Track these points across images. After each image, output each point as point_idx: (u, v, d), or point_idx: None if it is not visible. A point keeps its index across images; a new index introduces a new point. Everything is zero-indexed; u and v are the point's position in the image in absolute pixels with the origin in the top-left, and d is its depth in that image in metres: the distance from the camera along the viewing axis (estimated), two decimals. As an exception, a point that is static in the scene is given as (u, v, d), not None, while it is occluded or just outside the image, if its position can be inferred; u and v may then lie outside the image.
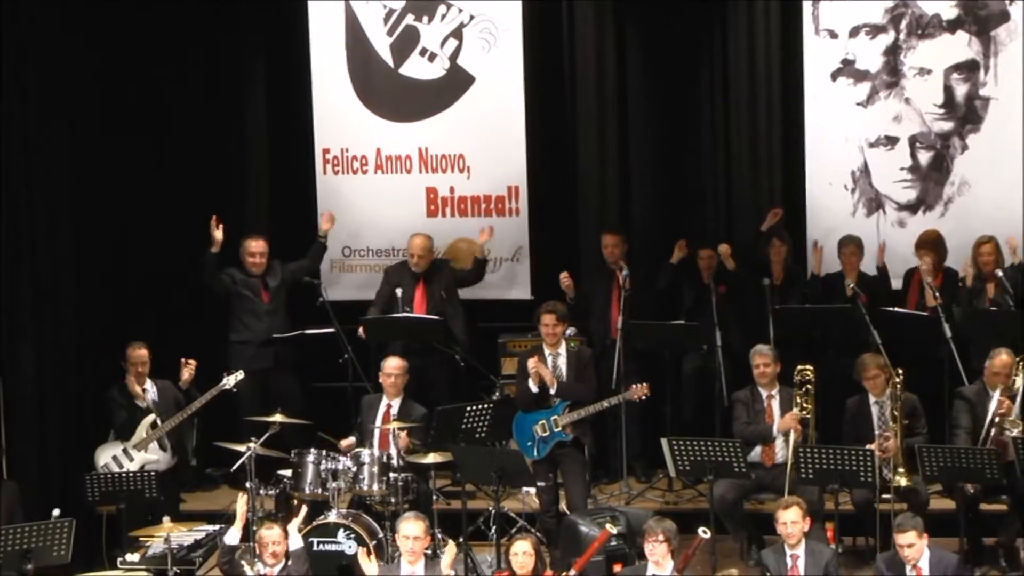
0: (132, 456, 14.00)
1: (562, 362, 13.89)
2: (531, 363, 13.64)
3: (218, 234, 14.81)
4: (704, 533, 12.35)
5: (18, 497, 13.10)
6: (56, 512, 12.47)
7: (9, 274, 13.74)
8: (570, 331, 14.12)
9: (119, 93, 15.25)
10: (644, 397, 13.78)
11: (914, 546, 11.77)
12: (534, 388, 13.71)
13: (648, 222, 15.80)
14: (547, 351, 13.87)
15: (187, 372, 14.11)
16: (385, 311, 14.72)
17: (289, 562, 12.13)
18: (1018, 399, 13.21)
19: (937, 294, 14.21)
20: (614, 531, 12.80)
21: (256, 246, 15.03)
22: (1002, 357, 13.31)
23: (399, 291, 14.95)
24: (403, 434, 13.65)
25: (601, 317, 14.93)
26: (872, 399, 13.50)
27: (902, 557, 11.81)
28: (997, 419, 13.11)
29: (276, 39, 16.01)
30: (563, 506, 13.82)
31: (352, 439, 13.80)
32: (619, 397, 13.83)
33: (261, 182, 16.08)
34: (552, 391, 13.66)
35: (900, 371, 13.36)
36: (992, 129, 15.35)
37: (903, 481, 13.00)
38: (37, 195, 14.04)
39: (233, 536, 12.34)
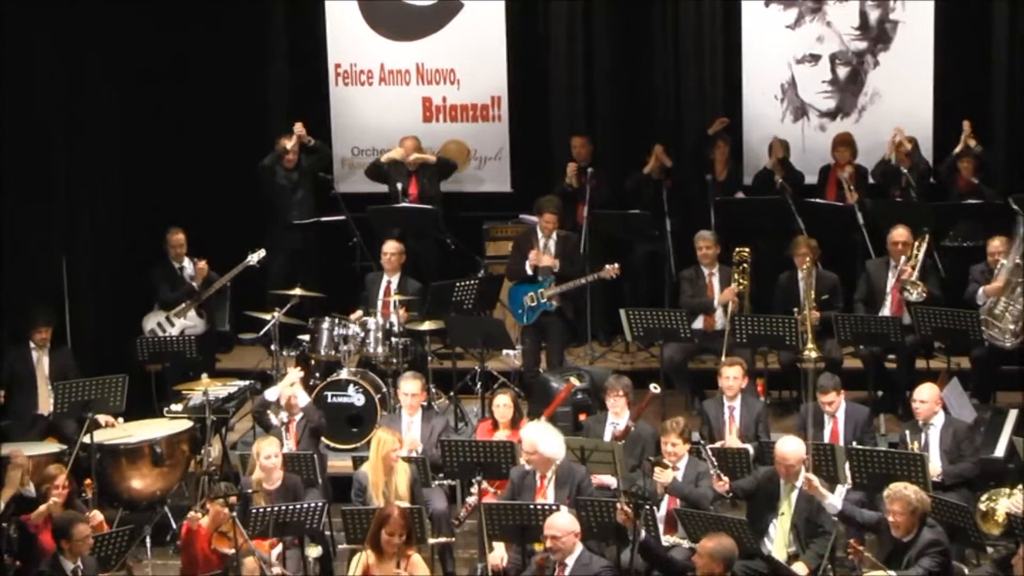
0: (173, 323, 14.02)
1: (552, 245, 13.92)
2: (532, 256, 13.77)
3: (290, 143, 14.81)
4: (655, 388, 12.41)
5: (71, 360, 13.10)
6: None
7: (69, 164, 13.63)
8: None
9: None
10: (615, 276, 13.80)
11: (833, 403, 11.84)
12: (530, 272, 13.81)
13: (610, 126, 15.74)
14: (541, 238, 13.90)
15: (200, 270, 14.12)
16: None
17: (300, 415, 12.16)
18: (918, 267, 13.22)
19: (852, 187, 14.22)
20: (578, 385, 12.85)
21: (291, 144, 14.95)
22: (899, 230, 13.35)
23: (399, 185, 14.91)
24: (401, 308, 13.67)
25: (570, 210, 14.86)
26: (800, 275, 13.50)
27: (823, 411, 11.86)
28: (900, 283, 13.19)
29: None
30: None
31: (360, 312, 13.79)
32: (596, 275, 13.82)
33: (283, 91, 15.95)
34: (552, 271, 13.77)
35: (814, 242, 13.47)
36: (900, 48, 15.33)
37: (813, 352, 13.01)
38: (93, 101, 13.97)
39: (272, 394, 12.33)
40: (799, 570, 10.32)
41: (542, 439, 11.08)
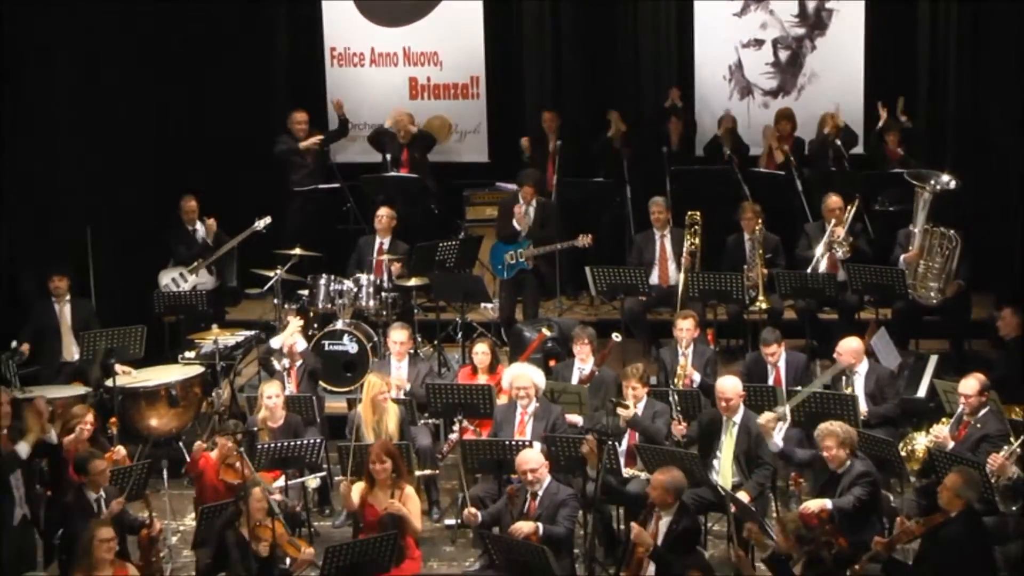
0: (186, 279, 13.98)
1: (532, 212, 13.95)
2: (517, 211, 13.83)
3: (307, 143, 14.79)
4: (616, 337, 12.42)
5: (92, 311, 13.06)
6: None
7: (91, 136, 13.56)
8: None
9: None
10: (587, 245, 13.84)
11: (775, 354, 11.88)
12: (518, 228, 13.84)
13: (576, 103, 15.70)
14: (523, 205, 13.92)
15: (209, 226, 14.09)
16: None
17: (300, 361, 12.16)
18: (846, 228, 13.25)
19: (792, 157, 14.23)
20: (548, 335, 12.87)
21: (301, 117, 14.93)
22: (832, 198, 13.37)
23: (388, 156, 14.88)
24: (393, 264, 13.66)
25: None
26: (746, 237, 13.52)
27: (766, 361, 11.91)
28: (832, 244, 13.23)
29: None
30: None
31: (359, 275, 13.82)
32: (570, 242, 13.83)
33: (284, 72, 15.90)
34: (523, 234, 13.83)
35: (758, 207, 13.51)
36: (834, 34, 15.35)
37: (764, 304, 13.06)
38: (112, 79, 13.93)
39: (276, 342, 12.33)
40: (742, 496, 10.37)
41: (535, 373, 11.30)
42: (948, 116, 15.04)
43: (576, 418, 11.41)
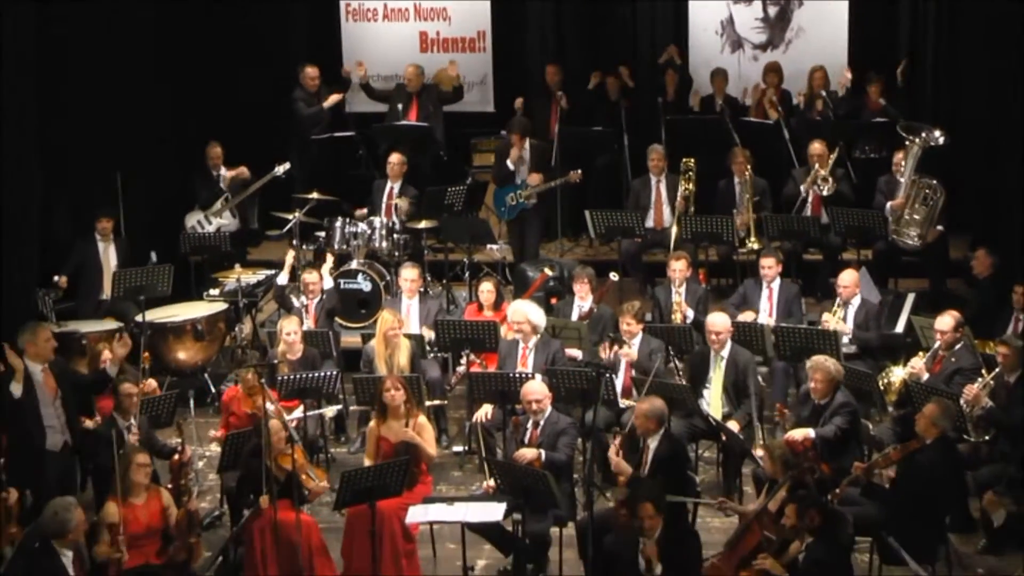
0: (211, 221, 13.95)
1: (526, 155, 13.90)
2: (513, 154, 13.76)
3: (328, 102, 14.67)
4: (613, 276, 12.44)
5: (130, 251, 13.02)
6: (153, 256, 12.46)
7: (120, 88, 13.50)
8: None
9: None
10: (578, 180, 13.75)
11: (772, 268, 11.92)
12: (511, 168, 13.82)
13: (577, 54, 15.58)
14: (516, 149, 13.88)
15: (241, 172, 14.01)
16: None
17: (324, 296, 12.15)
18: (829, 166, 13.21)
19: (780, 108, 14.14)
20: (550, 274, 12.85)
21: (313, 72, 14.77)
22: (815, 145, 13.33)
23: (400, 105, 14.79)
24: (403, 206, 13.61)
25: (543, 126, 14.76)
26: (736, 181, 13.47)
27: (761, 275, 11.88)
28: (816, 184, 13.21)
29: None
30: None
31: (364, 210, 13.74)
32: (563, 179, 13.77)
33: (303, 27, 15.77)
34: (519, 177, 13.83)
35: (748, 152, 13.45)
36: (822, -10, 15.27)
37: (755, 245, 13.03)
38: (139, 34, 13.83)
39: (283, 278, 12.34)
40: (731, 425, 10.38)
41: (531, 310, 11.25)
42: (927, 68, 14.93)
43: (575, 352, 11.40)
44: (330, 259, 12.60)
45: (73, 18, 12.92)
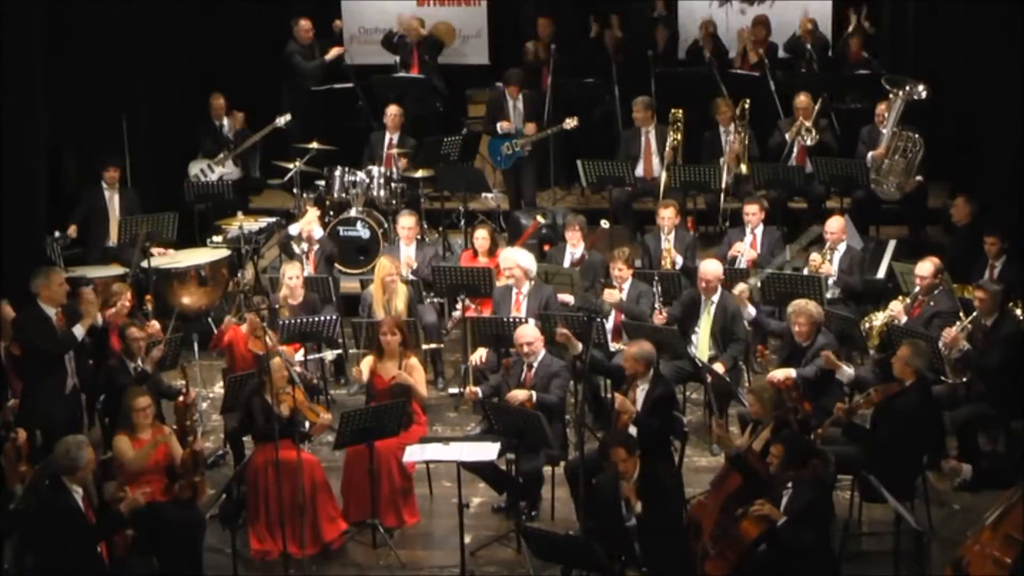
0: (213, 169, 13.84)
1: (520, 105, 13.85)
2: (503, 127, 13.71)
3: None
4: (604, 224, 12.36)
5: (137, 199, 12.93)
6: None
7: (126, 38, 13.33)
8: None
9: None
10: (573, 127, 13.63)
11: (755, 215, 11.89)
12: (501, 131, 13.79)
13: (569, 9, 15.37)
14: (510, 99, 13.84)
15: (236, 119, 13.93)
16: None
17: (317, 245, 12.08)
18: (813, 116, 13.15)
19: (766, 60, 14.01)
20: (543, 221, 12.77)
21: (307, 25, 14.61)
22: (801, 96, 13.25)
23: (397, 58, 14.66)
24: (401, 158, 13.52)
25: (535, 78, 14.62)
26: (722, 130, 13.37)
27: (746, 223, 11.90)
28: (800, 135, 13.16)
29: None
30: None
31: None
32: (558, 127, 13.62)
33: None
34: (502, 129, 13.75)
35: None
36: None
37: (745, 169, 13.06)
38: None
39: (295, 229, 12.26)
40: (718, 368, 10.35)
41: (521, 256, 11.19)
42: (908, 20, 14.78)
43: (567, 297, 11.35)
44: (312, 211, 12.35)
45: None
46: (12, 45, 11.01)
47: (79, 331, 9.86)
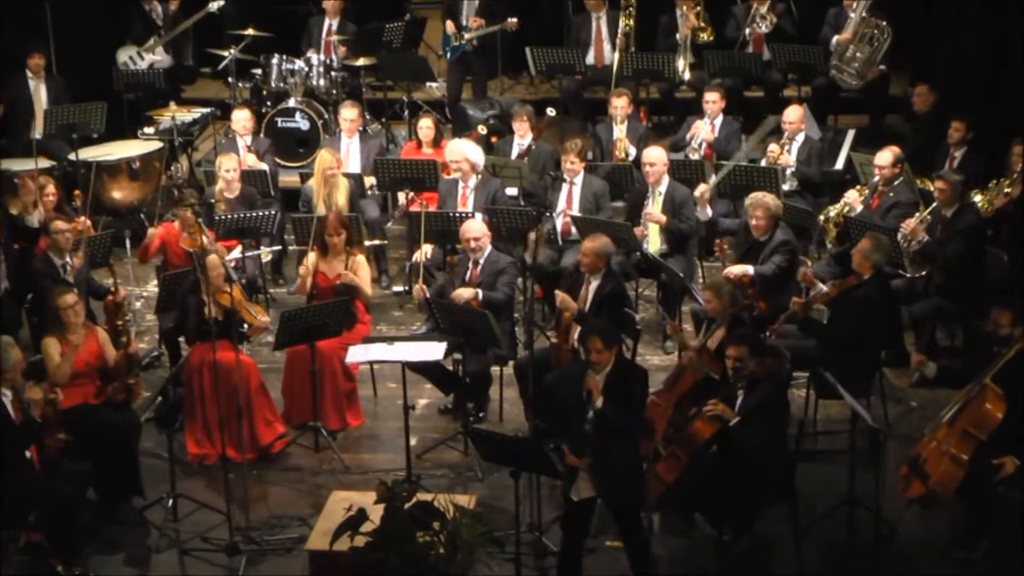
0: (143, 56, 13.54)
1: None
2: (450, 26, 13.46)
3: None
4: (551, 112, 12.24)
5: (64, 88, 12.64)
6: None
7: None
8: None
9: None
10: (514, 28, 13.34)
11: (716, 103, 11.85)
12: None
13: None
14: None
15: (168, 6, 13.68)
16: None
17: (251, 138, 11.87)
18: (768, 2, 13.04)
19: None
20: (483, 132, 12.53)
21: None
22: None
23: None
24: (341, 44, 13.28)
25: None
26: (679, 13, 13.17)
27: (705, 111, 11.85)
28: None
29: None
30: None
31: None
32: (500, 26, 13.30)
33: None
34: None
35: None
36: None
37: (707, 36, 13.10)
38: None
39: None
40: (673, 265, 10.29)
41: (468, 148, 11.08)
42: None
43: (512, 190, 11.22)
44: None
45: None
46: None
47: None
